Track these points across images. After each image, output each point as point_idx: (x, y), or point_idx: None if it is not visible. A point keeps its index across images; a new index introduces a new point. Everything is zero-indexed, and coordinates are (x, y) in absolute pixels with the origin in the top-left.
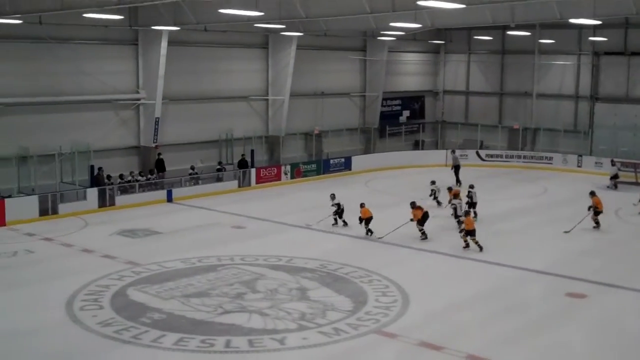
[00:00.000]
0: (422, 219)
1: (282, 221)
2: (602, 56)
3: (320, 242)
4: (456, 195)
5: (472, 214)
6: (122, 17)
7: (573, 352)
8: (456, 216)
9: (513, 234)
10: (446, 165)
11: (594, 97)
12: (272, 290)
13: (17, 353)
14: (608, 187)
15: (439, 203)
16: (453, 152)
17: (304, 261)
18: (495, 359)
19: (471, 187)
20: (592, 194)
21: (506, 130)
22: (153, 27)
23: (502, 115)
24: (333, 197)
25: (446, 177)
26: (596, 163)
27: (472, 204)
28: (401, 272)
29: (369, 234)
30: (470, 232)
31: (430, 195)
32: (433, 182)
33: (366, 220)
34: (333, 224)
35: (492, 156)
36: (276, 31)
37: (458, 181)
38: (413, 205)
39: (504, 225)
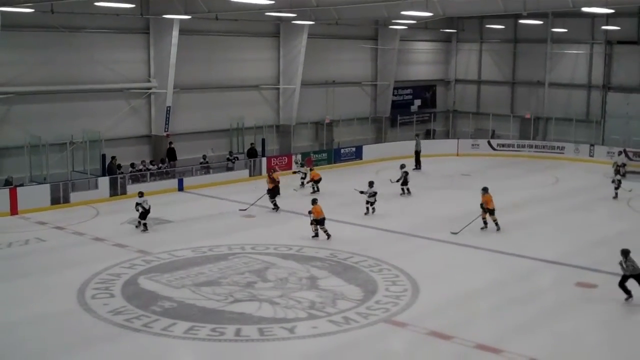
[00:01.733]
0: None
1: (292, 210)
2: (615, 45)
3: (330, 231)
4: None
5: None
6: (133, 5)
7: (583, 342)
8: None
9: (524, 224)
10: (457, 155)
11: (607, 87)
12: (282, 279)
13: (28, 341)
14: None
15: (404, 191)
16: (417, 135)
17: (314, 250)
18: (504, 349)
19: (402, 166)
20: (484, 190)
21: (518, 120)
22: (164, 16)
23: (514, 105)
24: (371, 184)
25: (459, 166)
26: (608, 153)
27: (405, 182)
28: (411, 261)
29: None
30: (319, 221)
31: (398, 180)
32: (403, 166)
33: (318, 220)
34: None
35: (503, 145)
36: (287, 20)
37: (418, 166)
38: (485, 190)
39: (515, 215)
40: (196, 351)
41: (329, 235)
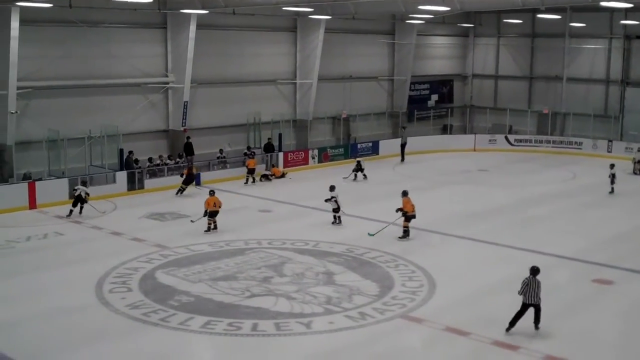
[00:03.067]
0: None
1: (309, 205)
2: (634, 40)
3: (346, 227)
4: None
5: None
6: (151, 0)
7: (599, 339)
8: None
9: (541, 220)
10: (474, 150)
11: (625, 82)
12: (298, 274)
13: (46, 335)
14: (635, 173)
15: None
16: (403, 128)
17: (330, 245)
18: (521, 345)
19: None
20: (404, 194)
21: (535, 115)
22: (182, 11)
23: (532, 100)
24: (332, 188)
25: (476, 161)
26: (626, 148)
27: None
28: (428, 257)
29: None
30: (212, 214)
31: (328, 201)
32: (332, 189)
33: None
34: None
35: (521, 141)
36: (304, 14)
37: (402, 158)
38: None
39: (532, 210)
40: (213, 346)
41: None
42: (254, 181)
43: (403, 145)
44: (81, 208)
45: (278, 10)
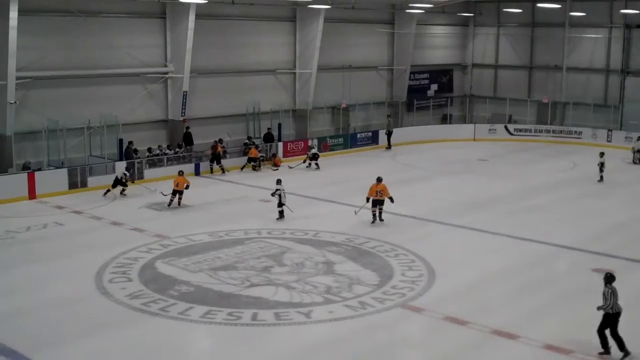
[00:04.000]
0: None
1: (308, 195)
2: (634, 29)
3: (346, 216)
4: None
5: None
6: None
7: None
8: None
9: (540, 209)
10: (474, 140)
11: (625, 71)
12: (298, 264)
13: (46, 325)
14: (635, 162)
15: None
16: (389, 117)
17: (330, 235)
18: (520, 334)
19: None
20: (378, 180)
21: (535, 104)
22: (181, 0)
23: (531, 89)
24: (279, 182)
25: (476, 151)
26: (626, 138)
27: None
28: (427, 246)
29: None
30: (175, 192)
31: (273, 195)
32: (279, 182)
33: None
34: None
35: (520, 130)
36: (304, 4)
37: (389, 146)
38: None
39: (532, 200)
40: (213, 335)
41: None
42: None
43: (389, 134)
44: (122, 190)
45: (277, 0)
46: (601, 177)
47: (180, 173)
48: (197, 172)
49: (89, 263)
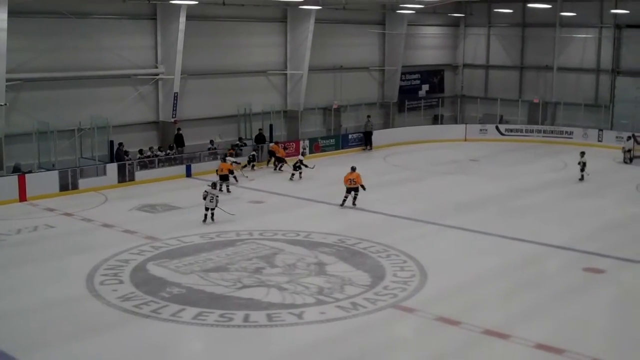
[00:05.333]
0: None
1: (300, 196)
2: (624, 29)
3: (338, 217)
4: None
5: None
6: None
7: (590, 327)
8: None
9: (532, 209)
10: (465, 140)
11: (616, 71)
12: (290, 265)
13: (37, 327)
14: (625, 162)
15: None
16: (368, 117)
17: (322, 236)
18: (512, 334)
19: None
20: (352, 169)
21: (526, 105)
22: (171, 2)
23: (522, 89)
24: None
25: (467, 151)
26: (617, 137)
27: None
28: (419, 247)
29: None
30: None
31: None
32: (214, 186)
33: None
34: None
35: (511, 130)
36: (295, 5)
37: (369, 145)
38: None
39: (523, 200)
40: (205, 337)
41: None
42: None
43: (368, 134)
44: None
45: (268, 1)
46: (582, 177)
47: (223, 159)
48: (188, 174)
49: (80, 265)
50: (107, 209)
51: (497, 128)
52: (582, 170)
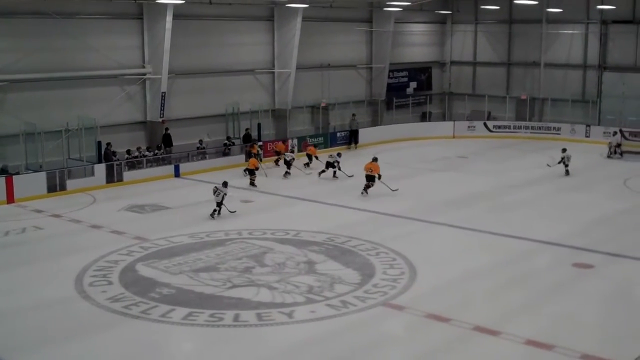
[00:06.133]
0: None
1: (289, 195)
2: (610, 25)
3: (327, 216)
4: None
5: None
6: None
7: (580, 323)
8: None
9: (521, 205)
10: (453, 137)
11: (602, 67)
12: (280, 264)
13: (26, 329)
14: (609, 156)
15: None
16: (353, 115)
17: (311, 234)
18: (502, 330)
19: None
20: (373, 159)
21: (514, 101)
22: (158, 1)
23: (510, 86)
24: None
25: (455, 148)
26: (604, 133)
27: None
28: (408, 244)
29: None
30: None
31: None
32: (225, 185)
33: None
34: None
35: (499, 127)
36: (281, 3)
37: (354, 143)
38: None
39: (512, 196)
40: (195, 337)
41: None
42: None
43: (354, 132)
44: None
45: None
46: (567, 172)
47: (251, 155)
48: (176, 174)
49: (69, 267)
50: (95, 210)
51: (485, 125)
52: (566, 165)
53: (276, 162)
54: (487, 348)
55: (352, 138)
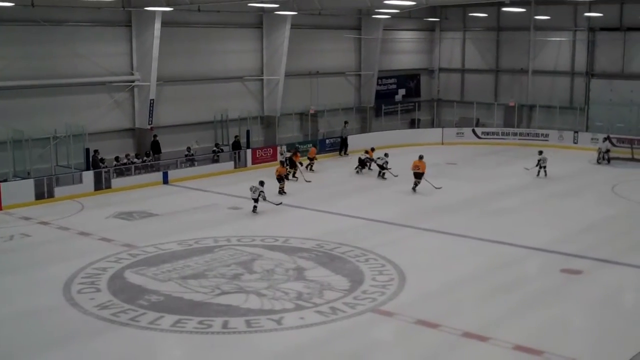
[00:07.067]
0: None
1: (278, 201)
2: (598, 32)
3: (316, 222)
4: None
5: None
6: None
7: (569, 328)
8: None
9: (509, 211)
10: (442, 144)
11: (590, 73)
12: (269, 271)
13: (14, 337)
14: (598, 162)
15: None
16: (346, 122)
17: (300, 241)
18: (491, 336)
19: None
20: (419, 157)
21: (502, 108)
22: (146, 8)
23: (498, 93)
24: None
25: (444, 155)
26: (592, 139)
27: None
28: (397, 251)
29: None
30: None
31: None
32: (262, 184)
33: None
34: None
35: (488, 134)
36: (270, 10)
37: (344, 151)
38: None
39: (501, 202)
40: (184, 344)
41: None
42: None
43: (344, 139)
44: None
45: (244, 7)
46: (545, 173)
47: (282, 164)
48: (165, 181)
49: (57, 274)
50: (83, 217)
51: (473, 131)
52: (542, 167)
53: (310, 167)
54: (476, 354)
55: (342, 145)
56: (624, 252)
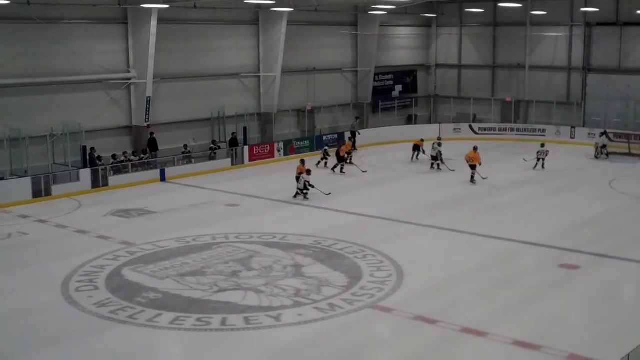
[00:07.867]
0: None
1: (276, 198)
2: (594, 27)
3: (314, 219)
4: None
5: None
6: None
7: (567, 323)
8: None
9: (507, 207)
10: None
11: (586, 68)
12: (266, 268)
13: (12, 335)
14: (596, 157)
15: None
16: (357, 118)
17: (298, 238)
18: (489, 331)
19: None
20: (474, 149)
21: (499, 103)
22: (142, 5)
23: (495, 88)
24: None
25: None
26: (589, 134)
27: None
28: (395, 247)
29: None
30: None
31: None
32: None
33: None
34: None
35: (485, 129)
36: (266, 7)
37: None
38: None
39: (498, 198)
40: (182, 341)
41: None
42: (342, 170)
43: (354, 134)
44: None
45: (240, 3)
46: (542, 166)
47: (302, 161)
48: (162, 178)
49: (55, 272)
50: (81, 215)
51: (470, 127)
52: (541, 160)
53: (349, 161)
54: (475, 349)
55: (354, 140)
56: (622, 246)
